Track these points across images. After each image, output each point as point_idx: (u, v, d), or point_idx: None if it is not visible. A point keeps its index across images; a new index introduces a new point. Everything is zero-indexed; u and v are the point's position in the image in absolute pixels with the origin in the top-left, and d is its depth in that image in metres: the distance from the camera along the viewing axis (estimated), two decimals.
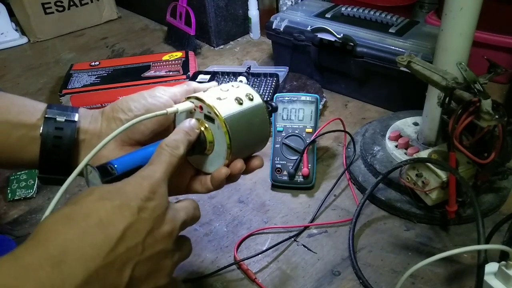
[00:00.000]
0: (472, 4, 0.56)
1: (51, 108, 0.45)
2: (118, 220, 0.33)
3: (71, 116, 0.45)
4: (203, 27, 1.14)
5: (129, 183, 0.37)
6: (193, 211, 0.42)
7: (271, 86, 0.86)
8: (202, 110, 0.45)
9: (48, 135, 0.44)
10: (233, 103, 0.45)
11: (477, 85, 0.53)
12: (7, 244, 0.61)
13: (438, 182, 0.57)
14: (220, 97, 0.45)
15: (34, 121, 0.44)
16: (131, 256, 0.33)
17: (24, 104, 0.45)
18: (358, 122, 0.84)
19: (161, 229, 0.36)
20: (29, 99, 0.47)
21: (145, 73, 0.96)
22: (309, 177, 0.68)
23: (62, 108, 0.46)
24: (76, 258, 0.31)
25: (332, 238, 0.61)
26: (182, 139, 0.42)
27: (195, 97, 0.45)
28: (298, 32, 0.91)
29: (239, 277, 0.57)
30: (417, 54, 0.76)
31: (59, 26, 1.30)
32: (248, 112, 0.46)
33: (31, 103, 0.46)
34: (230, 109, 0.44)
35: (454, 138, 0.54)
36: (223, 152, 0.45)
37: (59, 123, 0.44)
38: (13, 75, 1.11)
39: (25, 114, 0.44)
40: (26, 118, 0.44)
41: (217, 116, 0.43)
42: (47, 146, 0.44)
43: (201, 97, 0.44)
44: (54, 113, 0.45)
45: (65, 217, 0.33)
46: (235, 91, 0.46)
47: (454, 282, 0.54)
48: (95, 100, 0.91)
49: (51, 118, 0.44)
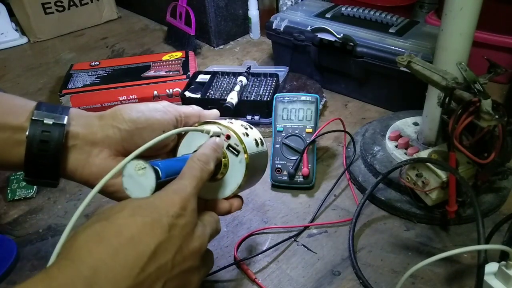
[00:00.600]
0: (472, 4, 0.56)
1: (39, 108, 0.42)
2: (150, 238, 0.33)
3: (60, 119, 0.42)
4: (203, 27, 1.14)
5: (160, 197, 0.36)
6: (216, 224, 0.42)
7: (271, 86, 0.86)
8: (228, 139, 0.46)
9: (34, 138, 0.41)
10: (254, 143, 0.48)
11: (477, 85, 0.53)
12: (7, 244, 0.61)
13: (438, 182, 0.57)
14: (246, 134, 0.48)
15: (20, 123, 0.41)
16: (161, 274, 0.34)
17: (12, 104, 0.42)
18: (358, 122, 0.84)
19: (190, 246, 0.36)
20: (20, 98, 0.44)
21: (145, 73, 0.96)
22: (309, 177, 0.68)
23: (51, 108, 0.43)
24: (108, 279, 0.31)
25: (332, 238, 0.61)
26: (212, 155, 0.42)
27: (223, 125, 0.47)
28: (298, 32, 0.91)
29: (239, 277, 0.57)
30: (417, 54, 0.76)
31: (59, 26, 1.30)
32: (261, 155, 0.50)
33: (20, 103, 0.43)
34: (252, 148, 0.47)
35: (454, 138, 0.54)
36: (233, 185, 0.46)
37: (46, 126, 0.41)
38: (13, 75, 1.11)
39: (11, 115, 0.41)
40: (12, 119, 0.41)
41: (244, 152, 0.45)
42: (33, 150, 0.41)
43: (233, 129, 0.46)
44: (41, 115, 0.42)
45: (97, 235, 0.33)
46: (253, 132, 0.49)
47: (454, 282, 0.54)
48: (95, 100, 0.91)
49: (38, 121, 0.41)
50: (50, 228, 0.65)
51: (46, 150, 0.41)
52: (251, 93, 0.85)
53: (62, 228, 0.65)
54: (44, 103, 0.43)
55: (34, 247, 0.62)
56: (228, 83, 0.88)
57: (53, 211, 0.68)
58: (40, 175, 0.43)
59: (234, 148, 0.46)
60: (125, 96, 0.92)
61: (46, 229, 0.65)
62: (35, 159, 0.42)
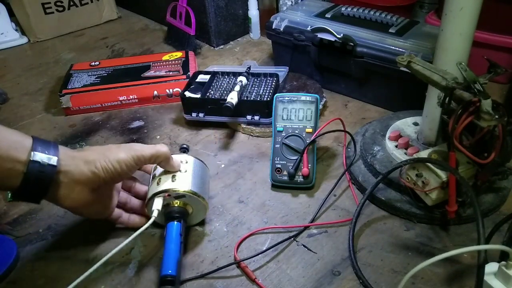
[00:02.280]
0: (472, 4, 0.56)
1: (36, 149, 0.51)
2: None
3: (53, 160, 0.51)
4: (203, 27, 1.15)
5: None
6: None
7: (271, 86, 0.86)
8: (169, 196, 0.59)
9: (32, 174, 0.50)
10: (186, 175, 0.60)
11: (477, 85, 0.53)
12: (7, 244, 0.61)
13: (438, 182, 0.57)
14: (174, 176, 0.60)
15: (22, 158, 0.50)
16: None
17: (13, 140, 0.51)
18: (358, 122, 0.84)
19: None
20: (16, 133, 0.52)
21: (145, 73, 0.96)
22: (309, 177, 0.68)
23: (45, 148, 0.52)
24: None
25: (332, 238, 0.61)
26: None
27: (157, 192, 0.58)
28: (298, 32, 0.91)
29: (239, 277, 0.57)
30: (417, 54, 0.76)
31: (59, 26, 1.30)
32: (196, 169, 0.62)
33: (18, 139, 0.51)
34: (186, 181, 0.59)
35: (454, 138, 0.54)
36: (201, 203, 0.60)
37: (42, 166, 0.50)
38: (13, 75, 1.11)
39: (14, 149, 0.50)
40: (15, 154, 0.49)
41: (185, 192, 0.58)
42: (29, 182, 0.50)
43: (163, 189, 0.58)
44: (38, 156, 0.50)
45: None
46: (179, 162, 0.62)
47: (454, 282, 0.54)
48: (95, 100, 0.91)
49: (35, 162, 0.50)
50: (50, 228, 0.65)
51: (39, 184, 0.51)
52: (251, 93, 0.85)
53: (62, 228, 0.65)
54: (38, 141, 0.52)
55: (34, 247, 0.62)
56: (228, 83, 0.88)
57: (53, 211, 0.68)
58: (27, 199, 0.52)
59: (179, 195, 0.59)
60: (125, 96, 0.92)
61: (46, 229, 0.65)
62: (28, 189, 0.50)
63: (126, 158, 0.55)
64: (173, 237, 0.56)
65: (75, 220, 0.66)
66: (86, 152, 0.55)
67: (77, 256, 0.60)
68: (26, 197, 0.52)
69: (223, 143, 0.81)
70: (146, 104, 0.94)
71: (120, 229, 0.63)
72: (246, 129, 0.83)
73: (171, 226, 0.57)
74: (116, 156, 0.55)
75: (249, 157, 0.77)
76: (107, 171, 0.54)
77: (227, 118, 0.83)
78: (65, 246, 0.62)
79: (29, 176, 0.50)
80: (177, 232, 0.57)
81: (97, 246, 0.61)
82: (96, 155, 0.54)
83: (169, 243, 0.55)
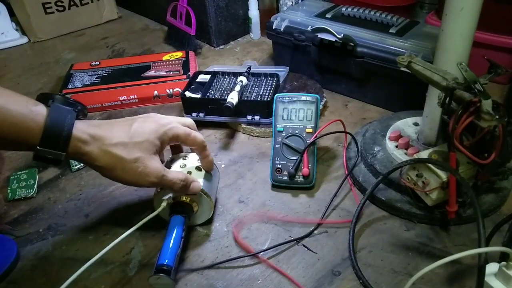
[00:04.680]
0: (473, 5, 0.56)
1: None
2: None
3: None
4: (203, 27, 1.15)
5: None
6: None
7: (271, 86, 0.86)
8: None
9: (52, 121, 0.51)
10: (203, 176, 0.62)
11: (477, 85, 0.53)
12: (7, 244, 0.61)
13: (438, 182, 0.57)
14: (189, 172, 0.61)
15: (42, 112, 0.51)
16: None
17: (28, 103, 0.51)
18: (358, 122, 0.84)
19: None
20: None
21: (146, 73, 0.96)
22: (309, 177, 0.68)
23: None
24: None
25: (332, 238, 0.61)
26: None
27: (171, 198, 0.58)
28: (298, 32, 0.91)
29: (239, 276, 0.57)
30: (417, 54, 0.76)
31: (60, 26, 1.30)
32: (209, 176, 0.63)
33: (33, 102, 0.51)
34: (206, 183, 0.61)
35: (455, 138, 0.54)
36: (208, 204, 0.61)
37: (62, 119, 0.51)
38: (14, 75, 1.11)
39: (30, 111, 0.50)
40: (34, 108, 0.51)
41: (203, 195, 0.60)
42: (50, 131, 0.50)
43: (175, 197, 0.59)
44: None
45: None
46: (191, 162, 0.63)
47: (454, 282, 0.54)
48: (95, 100, 0.92)
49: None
50: (50, 228, 0.65)
51: (59, 132, 0.51)
52: (252, 93, 0.85)
53: (62, 228, 0.65)
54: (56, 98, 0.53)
55: (34, 247, 0.62)
56: (229, 83, 0.88)
57: (53, 211, 0.68)
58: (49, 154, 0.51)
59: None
60: (125, 96, 0.92)
61: (46, 229, 0.65)
62: (49, 139, 0.50)
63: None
64: (175, 230, 0.56)
65: (75, 220, 0.66)
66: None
67: (77, 256, 0.60)
68: (48, 149, 0.51)
69: (223, 143, 0.81)
70: (147, 104, 0.94)
71: (120, 228, 0.63)
72: (246, 129, 0.83)
73: (175, 219, 0.57)
74: None
75: (249, 157, 0.77)
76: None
77: (228, 118, 0.83)
78: (65, 246, 0.62)
79: (49, 123, 0.50)
80: (180, 226, 0.56)
81: (97, 246, 0.61)
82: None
83: (170, 235, 0.55)
